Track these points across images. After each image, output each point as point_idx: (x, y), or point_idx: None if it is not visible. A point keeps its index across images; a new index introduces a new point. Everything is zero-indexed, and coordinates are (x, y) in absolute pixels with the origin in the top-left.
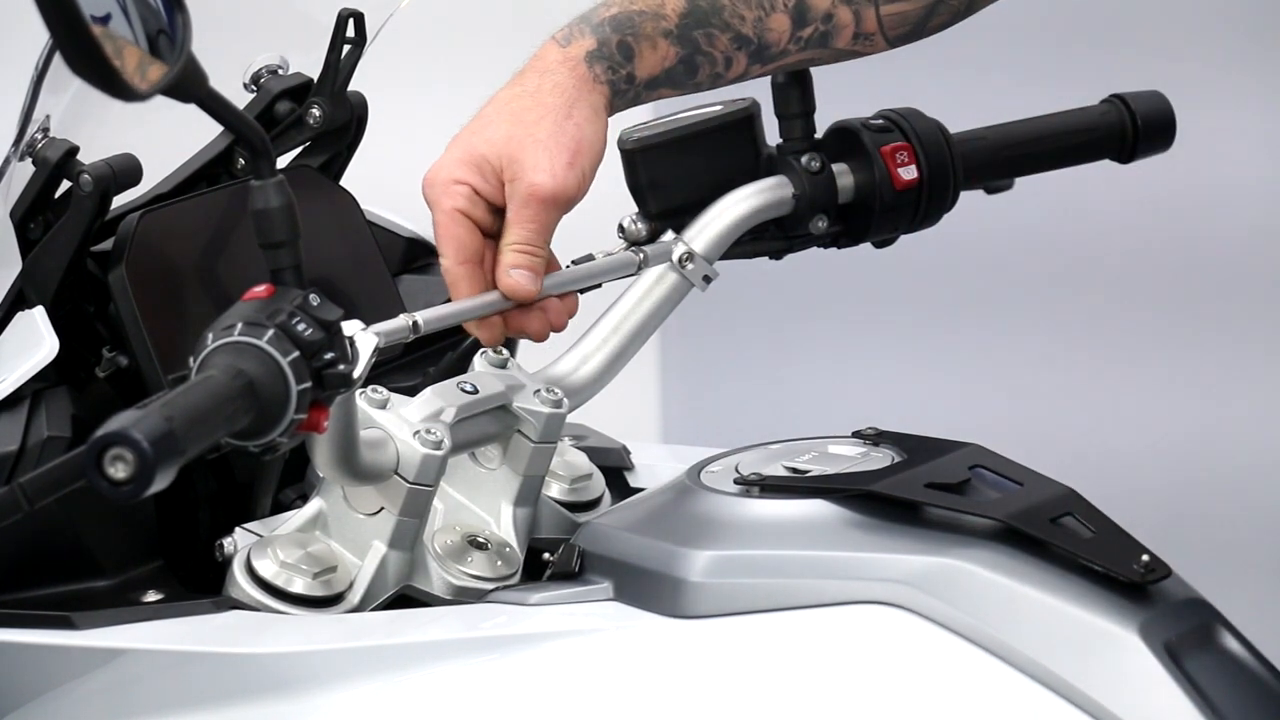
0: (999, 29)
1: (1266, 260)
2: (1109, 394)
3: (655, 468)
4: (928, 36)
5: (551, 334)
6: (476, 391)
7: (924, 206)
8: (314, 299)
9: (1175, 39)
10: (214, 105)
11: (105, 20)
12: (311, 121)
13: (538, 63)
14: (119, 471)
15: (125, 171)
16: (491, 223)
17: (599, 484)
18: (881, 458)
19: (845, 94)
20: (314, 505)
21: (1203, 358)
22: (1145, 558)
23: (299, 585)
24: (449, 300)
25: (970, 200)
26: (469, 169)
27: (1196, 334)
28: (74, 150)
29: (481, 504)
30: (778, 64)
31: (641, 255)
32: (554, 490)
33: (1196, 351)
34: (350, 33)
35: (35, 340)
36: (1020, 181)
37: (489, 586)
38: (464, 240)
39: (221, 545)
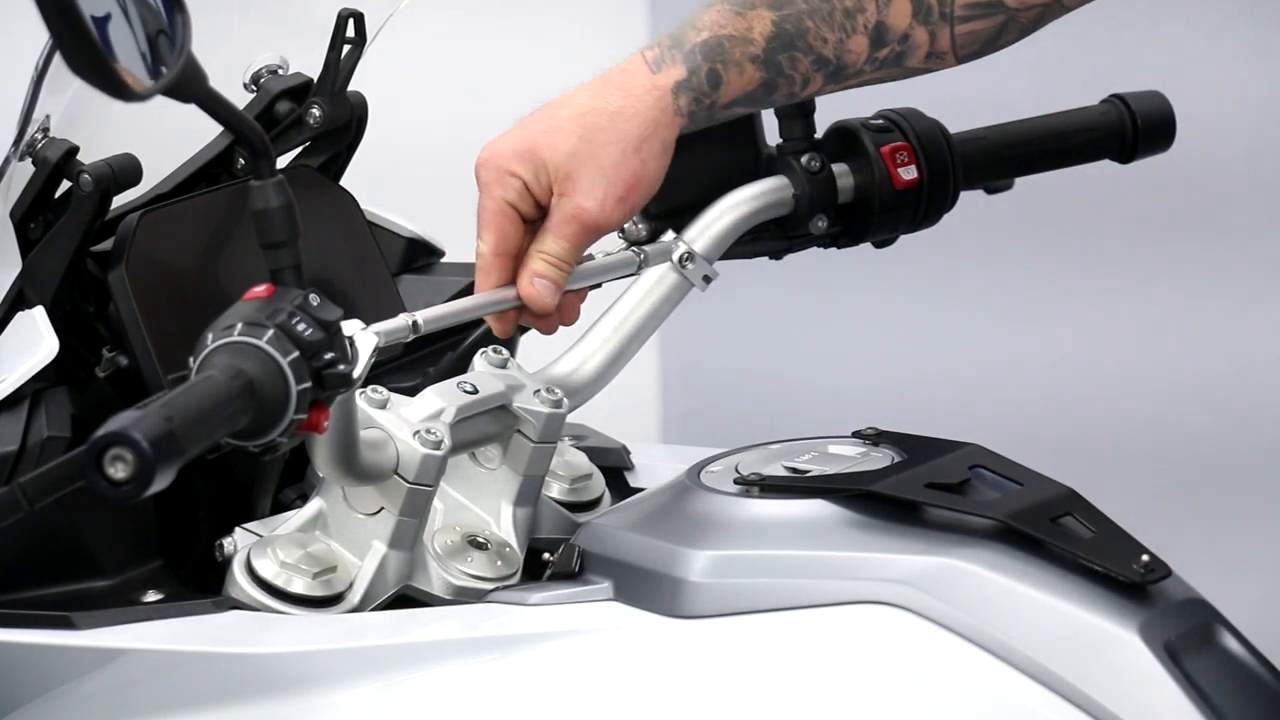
0: None
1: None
2: (1110, 386)
3: (655, 468)
4: (994, 53)
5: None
6: (476, 391)
7: (924, 206)
8: (314, 299)
9: (1174, 35)
10: (214, 105)
11: (105, 20)
12: (311, 121)
13: (625, 80)
14: (119, 471)
15: (125, 171)
16: (536, 215)
17: (599, 484)
18: (881, 458)
19: (845, 94)
20: (314, 505)
21: (1203, 300)
22: (1145, 558)
23: (299, 585)
24: (449, 300)
25: (969, 197)
26: (526, 165)
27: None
28: (74, 150)
29: (481, 504)
30: (851, 83)
31: (641, 255)
32: (554, 490)
33: (1197, 296)
34: (350, 33)
35: (35, 340)
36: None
37: (489, 586)
38: (507, 233)
39: (221, 545)
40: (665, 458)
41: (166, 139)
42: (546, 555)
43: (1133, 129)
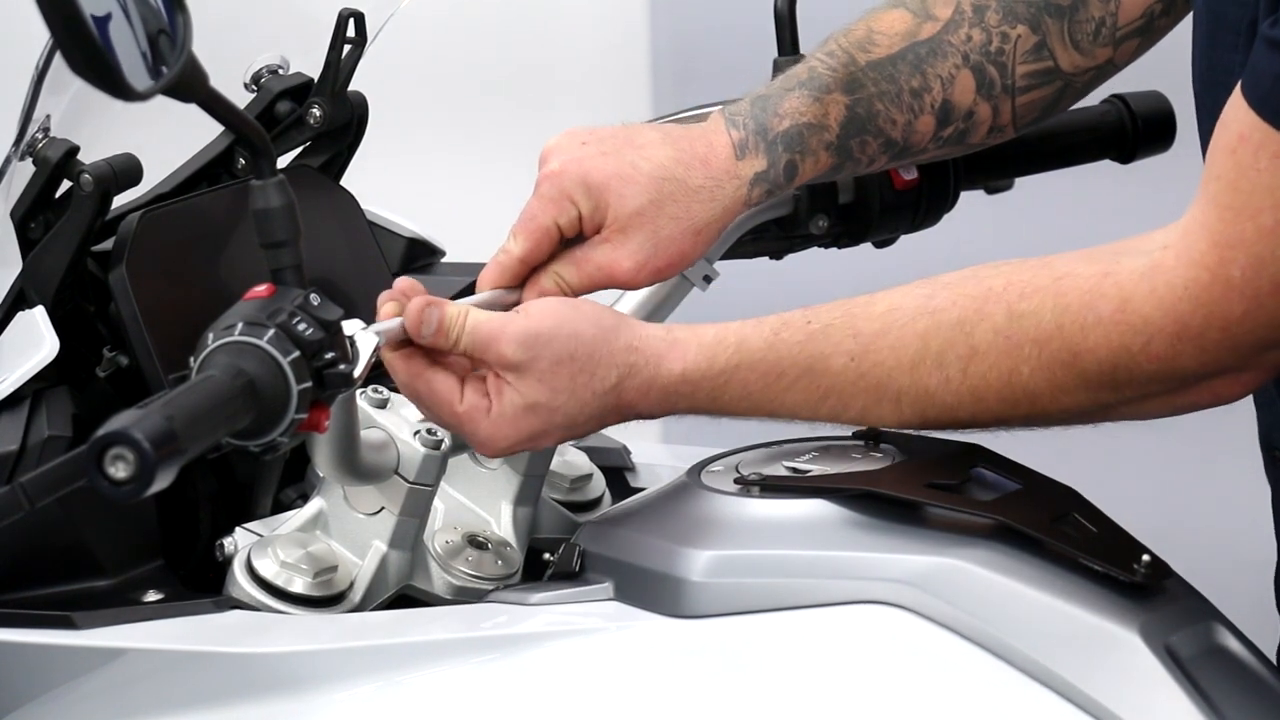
0: None
1: None
2: None
3: (655, 468)
4: (1050, 119)
5: None
6: None
7: (924, 206)
8: (314, 299)
9: (1174, 36)
10: (215, 105)
11: (106, 20)
12: (312, 121)
13: (710, 157)
14: (120, 471)
15: (125, 171)
16: (575, 234)
17: (599, 484)
18: (881, 458)
19: None
20: (314, 505)
21: None
22: (1146, 558)
23: (299, 585)
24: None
25: (969, 197)
26: (588, 200)
27: None
28: (74, 150)
29: (482, 504)
30: (911, 160)
31: None
32: (554, 490)
33: None
34: (350, 33)
35: (36, 340)
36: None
37: (489, 586)
38: (542, 247)
39: (222, 545)
40: (665, 458)
41: (167, 139)
42: (547, 555)
43: (1133, 129)
